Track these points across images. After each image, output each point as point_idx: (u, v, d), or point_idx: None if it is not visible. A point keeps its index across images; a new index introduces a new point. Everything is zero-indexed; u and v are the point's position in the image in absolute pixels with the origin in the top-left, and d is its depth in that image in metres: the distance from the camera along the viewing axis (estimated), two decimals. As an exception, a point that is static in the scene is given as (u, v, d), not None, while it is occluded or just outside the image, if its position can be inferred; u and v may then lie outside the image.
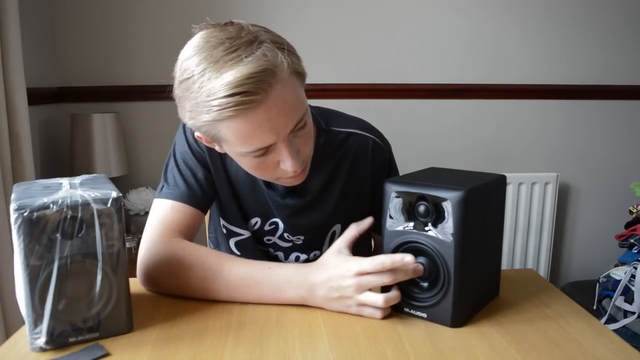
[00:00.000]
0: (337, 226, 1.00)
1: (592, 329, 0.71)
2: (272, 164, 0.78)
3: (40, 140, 1.87)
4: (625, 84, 2.17)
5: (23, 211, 0.60)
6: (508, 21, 2.09)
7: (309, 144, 0.82)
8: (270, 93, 0.70)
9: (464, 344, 0.66)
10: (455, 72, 2.11)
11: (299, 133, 0.78)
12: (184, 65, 0.74)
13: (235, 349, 0.65)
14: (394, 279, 0.71)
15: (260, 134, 0.72)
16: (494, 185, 0.76)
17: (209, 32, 0.74)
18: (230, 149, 0.79)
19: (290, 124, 0.74)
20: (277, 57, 0.71)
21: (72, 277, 0.63)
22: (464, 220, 0.67)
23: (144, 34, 2.00)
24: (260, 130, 0.72)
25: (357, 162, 0.97)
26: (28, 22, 1.75)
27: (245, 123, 0.71)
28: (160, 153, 2.07)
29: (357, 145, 0.97)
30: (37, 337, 0.63)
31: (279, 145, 0.75)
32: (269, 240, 1.00)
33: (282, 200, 0.95)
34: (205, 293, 0.79)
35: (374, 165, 0.98)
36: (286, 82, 0.72)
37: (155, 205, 0.90)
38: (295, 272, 0.77)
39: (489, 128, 2.17)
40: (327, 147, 0.94)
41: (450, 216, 0.68)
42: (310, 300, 0.76)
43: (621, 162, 2.24)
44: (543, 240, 2.18)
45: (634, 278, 1.55)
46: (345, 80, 2.06)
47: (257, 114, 0.70)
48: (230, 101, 0.68)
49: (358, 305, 0.73)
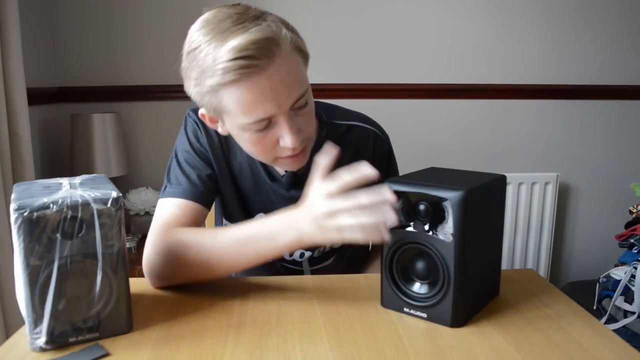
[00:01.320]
0: None
1: (592, 329, 0.71)
2: (272, 140, 0.80)
3: (40, 140, 1.87)
4: (625, 84, 2.17)
5: (23, 211, 0.60)
6: (508, 21, 2.09)
7: (310, 125, 0.84)
8: (273, 61, 0.73)
9: (464, 344, 0.66)
10: (455, 72, 2.11)
11: (300, 112, 0.80)
12: (192, 37, 0.77)
13: (235, 349, 0.65)
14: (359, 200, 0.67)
15: (262, 102, 0.74)
16: (494, 185, 0.76)
17: (217, 9, 0.78)
18: (232, 122, 0.80)
19: (292, 96, 0.77)
20: (282, 30, 0.75)
21: (72, 277, 0.63)
22: (464, 221, 0.67)
23: (144, 34, 2.00)
24: (262, 97, 0.74)
25: (359, 154, 0.98)
26: (28, 22, 1.75)
27: (248, 89, 0.73)
28: (160, 153, 2.08)
29: (359, 137, 0.99)
30: (37, 337, 0.63)
31: (279, 119, 0.77)
32: None
33: (287, 192, 0.96)
34: (210, 269, 0.79)
35: (375, 157, 1.00)
36: (289, 55, 0.76)
37: (158, 206, 0.91)
38: (282, 217, 0.75)
39: (489, 128, 2.17)
40: (328, 139, 0.95)
41: (450, 216, 0.68)
42: (303, 239, 0.73)
43: (621, 162, 2.24)
44: (543, 240, 2.18)
45: (634, 278, 1.55)
46: (345, 80, 2.06)
47: (260, 81, 0.73)
48: (235, 64, 0.71)
49: (337, 231, 0.69)
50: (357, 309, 0.77)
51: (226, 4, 0.79)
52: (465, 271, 0.69)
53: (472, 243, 0.70)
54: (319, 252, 1.04)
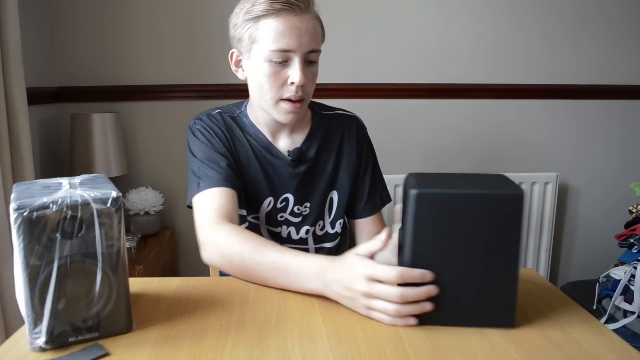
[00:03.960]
0: (333, 192, 1.15)
1: (592, 329, 0.71)
2: (283, 78, 0.98)
3: (40, 140, 1.87)
4: (625, 84, 2.17)
5: (23, 211, 0.60)
6: (508, 22, 2.09)
7: (312, 85, 1.03)
8: (307, 12, 0.97)
9: (463, 344, 0.66)
10: (455, 73, 2.11)
11: (310, 67, 1.00)
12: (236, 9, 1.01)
13: (235, 349, 0.65)
14: (403, 296, 0.69)
15: (290, 36, 0.94)
16: (491, 201, 0.68)
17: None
18: (259, 52, 0.97)
19: (311, 45, 0.97)
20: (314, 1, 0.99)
21: (72, 277, 0.63)
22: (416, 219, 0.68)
23: (144, 34, 2.00)
24: (291, 32, 0.94)
25: (345, 136, 1.16)
26: (28, 22, 1.75)
27: (283, 22, 0.94)
28: (160, 153, 2.08)
29: (344, 122, 1.17)
30: (37, 337, 0.63)
31: (295, 59, 0.96)
32: (281, 217, 1.12)
33: (294, 169, 1.10)
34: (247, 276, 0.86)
35: (359, 138, 1.17)
36: (315, 19, 0.99)
37: (199, 201, 1.00)
38: (317, 265, 0.79)
39: (489, 128, 2.17)
40: (321, 124, 1.15)
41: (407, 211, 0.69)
42: (328, 293, 0.77)
43: (621, 162, 2.24)
44: (543, 240, 2.18)
45: (634, 278, 1.55)
46: (345, 80, 2.06)
47: (294, 20, 0.95)
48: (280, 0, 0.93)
49: (367, 309, 0.73)
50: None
51: None
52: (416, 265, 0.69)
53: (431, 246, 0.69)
54: (321, 228, 1.16)
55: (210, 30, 1.98)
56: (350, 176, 1.15)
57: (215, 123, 1.09)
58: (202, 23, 1.97)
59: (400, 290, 0.69)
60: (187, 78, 2.02)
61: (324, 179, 1.13)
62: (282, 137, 1.11)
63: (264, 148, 1.09)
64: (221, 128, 1.08)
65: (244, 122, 1.11)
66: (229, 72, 1.14)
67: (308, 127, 1.13)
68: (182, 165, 2.08)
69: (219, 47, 1.97)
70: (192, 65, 2.01)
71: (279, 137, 1.11)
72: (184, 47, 2.00)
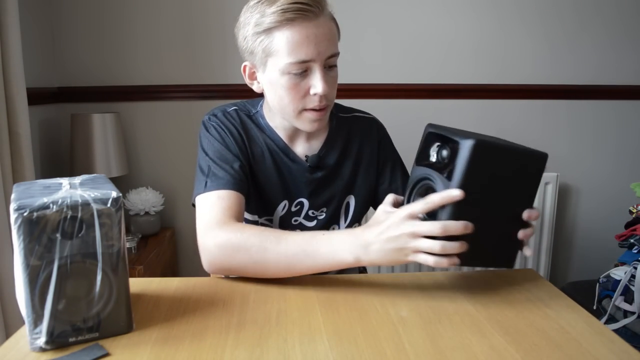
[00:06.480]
0: (350, 197, 1.11)
1: (592, 329, 0.71)
2: (304, 88, 0.92)
3: (40, 140, 1.87)
4: (626, 84, 2.17)
5: (23, 211, 0.59)
6: (508, 23, 2.09)
7: (334, 89, 0.97)
8: (321, 14, 0.89)
9: (464, 344, 0.66)
10: (456, 73, 2.11)
11: (330, 72, 0.93)
12: (245, 8, 0.93)
13: (235, 349, 0.65)
14: (445, 229, 0.71)
15: (307, 45, 0.88)
16: (524, 156, 0.76)
17: None
18: (275, 65, 0.91)
19: (330, 50, 0.91)
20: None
21: (72, 277, 0.63)
22: (467, 168, 0.70)
23: (144, 34, 2.00)
24: (308, 41, 0.88)
25: (364, 139, 1.11)
26: (28, 22, 1.75)
27: (298, 31, 0.87)
28: (160, 153, 2.08)
29: (362, 124, 1.13)
30: (37, 337, 0.63)
31: (315, 68, 0.90)
32: (295, 221, 1.08)
33: (311, 174, 1.05)
34: (266, 270, 0.83)
35: (379, 139, 1.13)
36: (330, 20, 0.92)
37: (203, 200, 0.94)
38: (348, 234, 0.79)
39: (489, 128, 2.17)
40: (339, 128, 1.10)
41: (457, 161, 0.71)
42: (365, 258, 0.77)
43: (621, 162, 2.24)
44: (543, 240, 2.17)
45: (634, 278, 1.55)
46: (345, 80, 2.06)
47: (309, 26, 0.87)
48: (292, 7, 0.86)
49: (414, 252, 0.74)
50: (357, 309, 0.77)
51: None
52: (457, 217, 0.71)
53: (473, 195, 0.71)
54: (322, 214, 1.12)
55: (210, 31, 1.97)
56: (369, 179, 1.11)
57: (231, 121, 1.03)
58: (201, 23, 1.97)
59: (442, 223, 0.71)
60: (187, 78, 2.02)
61: (341, 184, 1.09)
62: (299, 140, 1.06)
63: (281, 150, 1.05)
64: (237, 127, 1.03)
65: (259, 122, 1.06)
66: (228, 72, 1.14)
67: (326, 130, 1.08)
68: (182, 165, 2.09)
69: (219, 47, 1.97)
70: (191, 65, 2.01)
71: (295, 141, 1.06)
72: (184, 47, 2.00)
